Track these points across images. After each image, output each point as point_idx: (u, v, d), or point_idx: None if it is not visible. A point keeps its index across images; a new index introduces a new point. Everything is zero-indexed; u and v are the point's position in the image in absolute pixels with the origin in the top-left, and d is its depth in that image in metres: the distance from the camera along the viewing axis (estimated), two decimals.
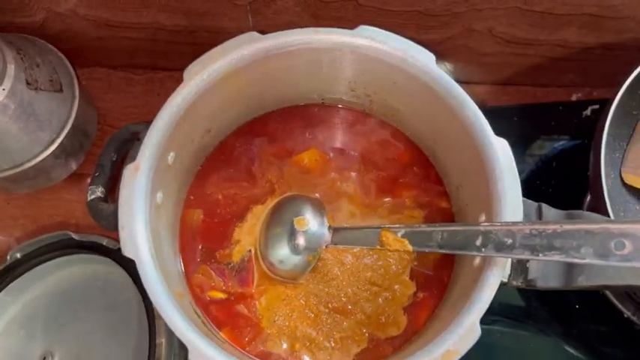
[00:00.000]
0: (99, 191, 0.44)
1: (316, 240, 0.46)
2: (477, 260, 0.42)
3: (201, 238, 0.50)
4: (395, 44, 0.44)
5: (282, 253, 0.47)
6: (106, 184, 0.45)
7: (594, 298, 0.55)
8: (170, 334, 0.51)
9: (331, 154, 0.53)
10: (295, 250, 0.46)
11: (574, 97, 0.67)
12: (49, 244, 0.57)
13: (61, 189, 0.64)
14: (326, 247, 0.47)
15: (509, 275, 0.40)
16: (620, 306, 0.52)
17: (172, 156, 0.45)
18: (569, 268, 0.40)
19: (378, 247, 0.43)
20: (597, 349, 0.57)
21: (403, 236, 0.42)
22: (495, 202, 0.41)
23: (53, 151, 0.58)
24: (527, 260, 0.40)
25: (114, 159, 0.45)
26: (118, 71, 0.69)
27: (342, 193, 0.51)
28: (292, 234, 0.46)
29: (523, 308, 0.59)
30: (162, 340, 0.50)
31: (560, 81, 0.67)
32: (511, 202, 0.41)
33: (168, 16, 0.59)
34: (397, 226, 0.43)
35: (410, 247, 0.42)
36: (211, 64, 0.43)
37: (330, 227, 0.47)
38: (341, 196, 0.51)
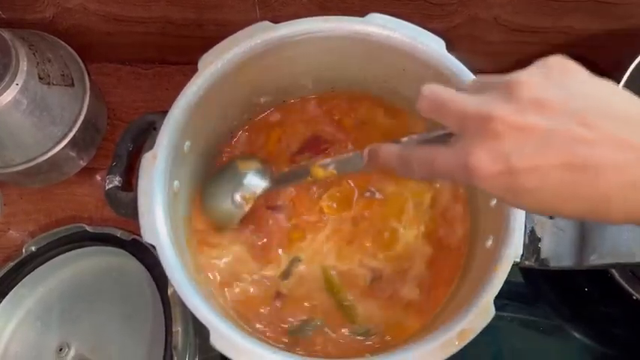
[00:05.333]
0: (116, 180, 0.45)
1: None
2: (490, 242, 0.43)
3: None
4: (406, 31, 0.45)
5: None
6: (123, 173, 0.46)
7: (603, 281, 0.55)
8: (186, 322, 0.51)
9: (341, 145, 0.53)
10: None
11: None
12: (63, 236, 0.58)
13: (73, 183, 0.64)
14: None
15: (522, 255, 0.40)
16: (628, 288, 0.53)
17: (188, 145, 0.46)
18: (581, 248, 0.40)
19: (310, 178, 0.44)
20: (606, 332, 0.58)
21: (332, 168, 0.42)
22: None
23: (66, 145, 0.58)
24: (540, 240, 0.40)
25: (130, 148, 0.46)
26: (127, 66, 0.69)
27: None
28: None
29: (532, 292, 0.59)
30: (178, 328, 0.50)
31: None
32: None
33: (177, 10, 0.59)
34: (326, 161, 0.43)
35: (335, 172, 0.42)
36: (225, 53, 0.44)
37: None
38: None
